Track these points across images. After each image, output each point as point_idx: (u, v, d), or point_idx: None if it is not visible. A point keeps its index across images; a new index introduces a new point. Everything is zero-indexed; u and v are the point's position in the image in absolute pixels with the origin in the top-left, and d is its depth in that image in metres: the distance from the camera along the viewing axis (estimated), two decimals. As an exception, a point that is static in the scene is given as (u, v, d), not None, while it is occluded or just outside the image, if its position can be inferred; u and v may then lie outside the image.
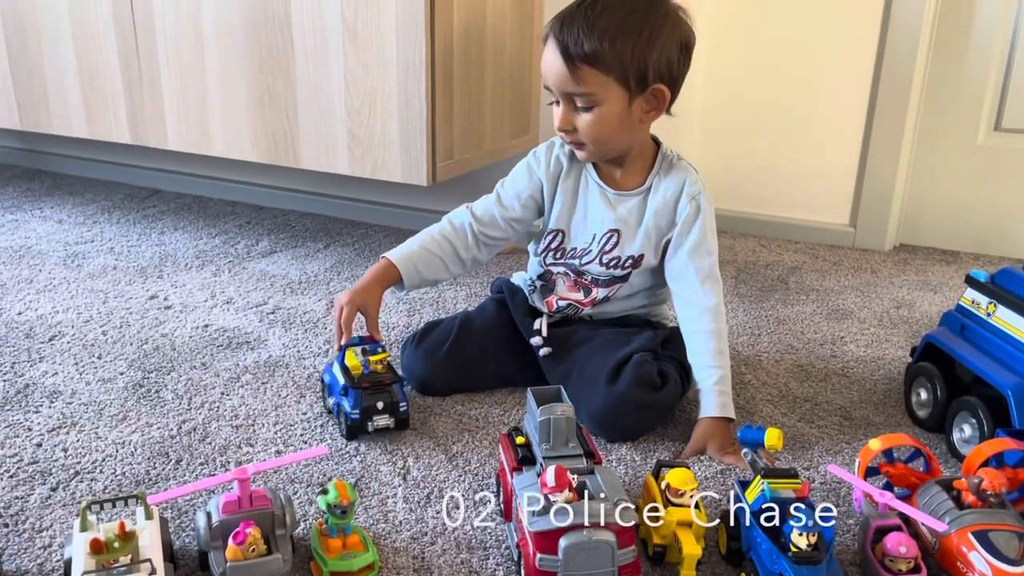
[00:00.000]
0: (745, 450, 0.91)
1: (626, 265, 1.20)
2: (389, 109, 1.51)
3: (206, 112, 1.69)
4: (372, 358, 1.13)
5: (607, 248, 1.20)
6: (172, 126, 1.74)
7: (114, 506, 0.82)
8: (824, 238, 2.03)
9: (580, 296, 1.23)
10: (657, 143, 1.22)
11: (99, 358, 1.32)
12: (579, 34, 1.07)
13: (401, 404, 1.11)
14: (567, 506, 0.80)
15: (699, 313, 1.16)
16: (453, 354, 1.22)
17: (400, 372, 1.20)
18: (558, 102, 1.14)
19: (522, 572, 0.83)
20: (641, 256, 1.20)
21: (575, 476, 0.84)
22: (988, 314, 1.11)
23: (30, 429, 1.11)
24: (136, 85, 1.74)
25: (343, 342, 1.17)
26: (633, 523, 0.81)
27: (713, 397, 1.11)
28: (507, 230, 1.27)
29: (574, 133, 1.13)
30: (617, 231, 1.20)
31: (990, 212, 1.95)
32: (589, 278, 1.22)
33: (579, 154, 1.18)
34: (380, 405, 1.10)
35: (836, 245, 2.01)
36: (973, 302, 1.14)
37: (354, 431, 1.10)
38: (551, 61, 1.11)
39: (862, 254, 1.95)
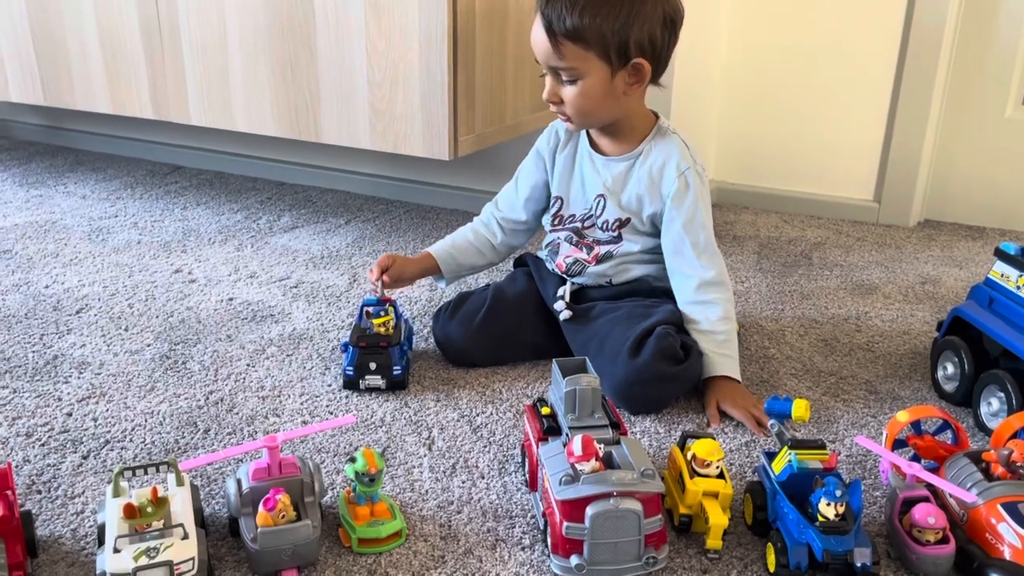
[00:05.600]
0: (772, 421, 0.91)
1: (614, 227, 1.23)
2: (411, 83, 1.50)
3: (228, 86, 1.69)
4: (375, 320, 1.18)
5: (597, 212, 1.24)
6: (194, 101, 1.74)
7: (146, 472, 0.83)
8: (848, 214, 2.01)
9: (584, 254, 1.25)
10: (656, 116, 1.23)
11: (126, 330, 1.33)
12: (562, 10, 1.10)
13: (395, 367, 1.15)
14: (594, 475, 0.81)
15: (698, 285, 1.18)
16: (488, 324, 1.23)
17: (407, 335, 1.23)
18: (547, 74, 1.17)
19: (548, 540, 0.84)
20: (628, 219, 1.22)
21: (601, 445, 0.84)
22: (1018, 287, 1.10)
23: (60, 399, 1.13)
24: (158, 60, 1.75)
25: (373, 279, 1.26)
26: (660, 492, 0.81)
27: (712, 358, 1.14)
28: (527, 213, 1.33)
29: (561, 104, 1.17)
30: (603, 196, 1.23)
31: (1017, 187, 1.92)
32: (591, 239, 1.25)
33: (567, 125, 1.22)
34: (373, 366, 1.15)
35: (860, 221, 1.99)
36: (1003, 275, 1.13)
37: (348, 386, 1.16)
38: (537, 36, 1.15)
39: (886, 230, 1.93)
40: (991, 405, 1.09)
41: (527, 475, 0.96)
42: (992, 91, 1.88)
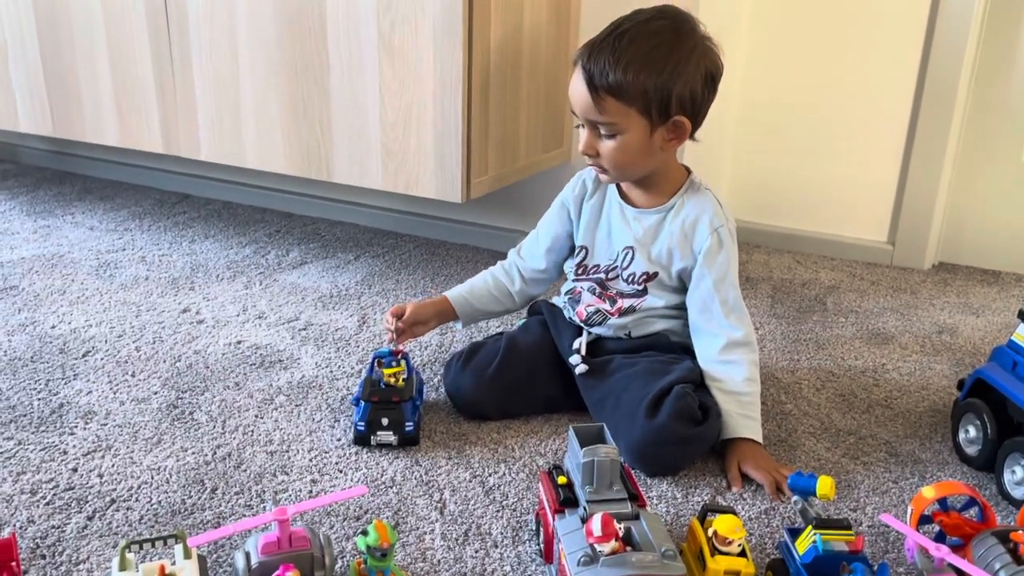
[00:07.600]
0: (796, 498, 0.88)
1: (640, 281, 1.21)
2: (425, 124, 1.49)
3: (239, 123, 1.67)
4: (386, 371, 1.16)
5: (625, 264, 1.22)
6: (205, 136, 1.73)
7: (153, 546, 0.81)
8: (861, 255, 1.99)
9: (607, 306, 1.23)
10: (688, 172, 1.22)
11: (132, 376, 1.31)
12: (605, 65, 1.09)
13: (407, 423, 1.13)
14: (614, 556, 0.78)
15: (725, 344, 1.16)
16: (501, 375, 1.21)
17: (419, 390, 1.21)
18: (583, 125, 1.15)
19: (565, 621, 0.82)
20: (655, 273, 1.20)
21: (620, 524, 0.82)
22: (1043, 352, 1.07)
23: (65, 452, 1.11)
24: (169, 94, 1.74)
25: (390, 325, 1.25)
26: (681, 575, 0.79)
27: (736, 420, 1.12)
28: (547, 263, 1.31)
29: (596, 157, 1.16)
30: (632, 248, 1.21)
31: (1034, 231, 1.90)
32: (614, 291, 1.23)
33: (601, 177, 1.21)
34: (385, 421, 1.12)
35: (874, 263, 1.97)
36: (1027, 339, 1.11)
37: (359, 441, 1.14)
38: (577, 88, 1.13)
39: (901, 273, 1.91)
40: (1015, 473, 1.06)
41: (541, 545, 0.94)
42: (1008, 134, 1.87)
